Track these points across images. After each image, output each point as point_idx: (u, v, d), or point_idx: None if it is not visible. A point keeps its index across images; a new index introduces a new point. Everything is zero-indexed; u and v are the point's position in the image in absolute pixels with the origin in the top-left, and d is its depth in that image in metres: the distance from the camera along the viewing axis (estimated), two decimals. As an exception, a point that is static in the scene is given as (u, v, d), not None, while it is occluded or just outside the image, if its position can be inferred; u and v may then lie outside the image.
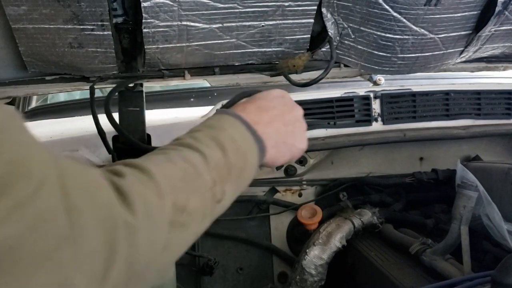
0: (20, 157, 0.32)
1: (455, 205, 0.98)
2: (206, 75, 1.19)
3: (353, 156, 1.41)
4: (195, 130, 0.66)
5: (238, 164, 0.63)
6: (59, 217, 0.34)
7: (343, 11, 1.08)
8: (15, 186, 0.30)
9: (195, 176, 0.55)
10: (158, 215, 0.47)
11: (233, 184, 0.63)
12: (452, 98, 1.37)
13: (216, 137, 0.62)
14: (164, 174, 0.50)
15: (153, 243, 0.46)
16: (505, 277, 0.67)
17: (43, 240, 0.32)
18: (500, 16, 1.09)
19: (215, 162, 0.59)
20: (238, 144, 0.63)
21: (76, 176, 0.39)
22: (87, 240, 0.36)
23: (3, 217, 0.28)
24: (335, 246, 1.15)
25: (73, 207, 0.35)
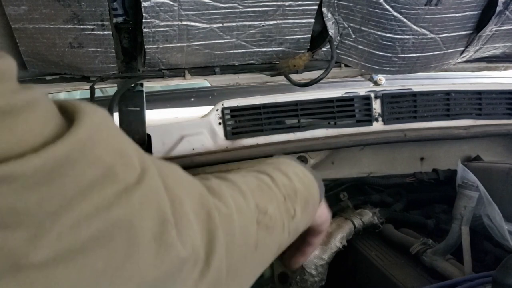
0: (124, 148, 0.34)
1: (455, 205, 0.98)
2: (206, 75, 1.19)
3: (354, 156, 1.41)
4: (256, 164, 0.69)
5: (303, 192, 0.64)
6: (163, 204, 0.36)
7: (343, 11, 1.08)
8: (122, 174, 0.32)
9: (268, 188, 0.57)
10: (247, 211, 0.49)
11: (301, 208, 0.63)
12: (453, 98, 1.37)
13: (279, 168, 0.64)
14: (242, 181, 0.53)
15: (247, 237, 0.48)
16: (505, 277, 0.67)
17: (150, 223, 0.34)
18: (501, 16, 1.09)
19: (282, 183, 0.61)
20: (300, 176, 0.66)
21: (170, 170, 0.42)
22: (188, 226, 0.39)
23: (114, 201, 0.31)
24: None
25: (174, 196, 0.38)
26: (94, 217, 0.30)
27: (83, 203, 0.29)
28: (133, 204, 0.33)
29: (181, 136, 1.18)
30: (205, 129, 1.20)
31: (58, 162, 0.28)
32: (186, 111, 1.71)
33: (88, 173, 0.30)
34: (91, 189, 0.30)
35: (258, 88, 1.66)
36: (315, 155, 1.34)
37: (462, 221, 0.95)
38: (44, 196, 0.27)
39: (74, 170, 0.29)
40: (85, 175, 0.30)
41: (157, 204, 0.36)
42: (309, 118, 1.28)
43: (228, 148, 1.21)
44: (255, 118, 1.24)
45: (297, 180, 0.64)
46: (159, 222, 0.35)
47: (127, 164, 0.34)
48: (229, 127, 1.22)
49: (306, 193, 0.65)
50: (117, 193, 0.31)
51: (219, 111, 1.21)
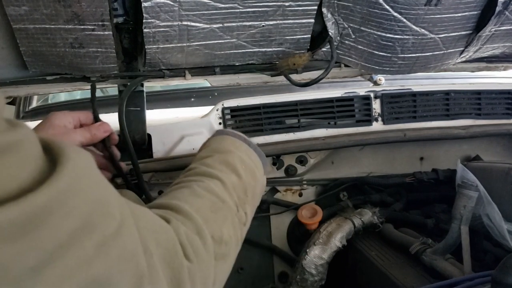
0: (102, 198, 0.33)
1: (455, 205, 0.99)
2: (206, 75, 1.19)
3: (354, 156, 1.41)
4: (204, 156, 0.69)
5: (251, 183, 0.67)
6: (138, 257, 0.36)
7: (343, 11, 1.08)
8: (101, 224, 0.32)
9: (221, 204, 0.59)
10: (205, 255, 0.50)
11: (250, 204, 0.67)
12: (453, 98, 1.37)
13: (226, 160, 0.65)
14: (196, 209, 0.54)
15: (206, 280, 0.50)
16: (505, 277, 0.67)
17: (128, 279, 0.34)
18: (500, 16, 1.09)
19: (233, 186, 0.62)
20: (246, 164, 0.67)
21: (145, 218, 0.42)
22: (159, 279, 0.39)
23: (93, 254, 0.30)
24: (335, 246, 1.15)
25: (146, 248, 0.38)
26: (76, 272, 0.28)
27: (65, 258, 0.28)
28: (112, 258, 0.32)
29: (182, 136, 1.19)
30: (205, 129, 1.21)
31: (36, 213, 0.26)
32: (186, 111, 1.71)
33: (66, 225, 0.28)
34: (71, 242, 0.28)
35: (258, 88, 1.67)
36: (315, 155, 1.34)
37: (462, 221, 0.96)
38: (22, 250, 0.25)
39: (51, 221, 0.27)
40: (63, 226, 0.28)
41: (134, 258, 0.35)
42: (309, 118, 1.28)
43: (228, 148, 1.21)
44: (255, 118, 1.24)
45: (244, 171, 0.65)
46: (136, 278, 0.35)
47: (106, 214, 0.33)
48: (229, 127, 1.22)
49: (254, 183, 0.68)
50: (96, 245, 0.30)
51: (219, 111, 1.22)
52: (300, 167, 1.34)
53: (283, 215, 1.36)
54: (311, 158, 1.34)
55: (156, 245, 0.41)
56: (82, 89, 1.16)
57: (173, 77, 1.14)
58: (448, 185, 1.28)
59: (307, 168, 1.34)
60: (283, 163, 1.33)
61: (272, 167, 1.33)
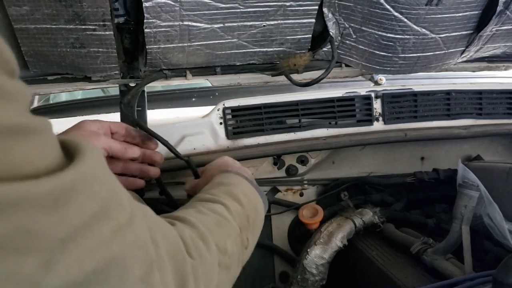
0: (116, 189, 0.36)
1: (456, 204, 0.98)
2: (207, 75, 1.19)
3: (354, 156, 1.41)
4: (209, 188, 0.73)
5: (252, 215, 0.70)
6: (148, 245, 0.39)
7: (344, 11, 1.08)
8: (116, 212, 0.34)
9: (226, 222, 0.62)
10: (208, 257, 0.53)
11: (252, 233, 0.70)
12: (454, 97, 1.37)
13: (230, 191, 0.69)
14: (200, 221, 0.57)
15: (210, 281, 0.52)
16: (506, 277, 0.67)
17: (140, 263, 0.36)
18: (501, 15, 1.09)
19: (236, 212, 0.65)
20: (249, 197, 0.71)
21: (150, 215, 0.45)
22: (166, 268, 0.42)
23: (110, 237, 0.32)
24: (336, 246, 1.15)
25: (154, 239, 0.40)
26: (95, 252, 0.31)
27: (87, 237, 0.30)
28: (126, 242, 0.34)
29: (183, 136, 1.19)
30: (206, 129, 1.21)
31: (65, 189, 0.29)
32: (187, 111, 1.71)
33: (89, 206, 0.31)
34: (92, 223, 0.31)
35: (259, 88, 1.67)
36: (316, 155, 1.34)
37: (463, 221, 0.96)
38: (54, 221, 0.28)
39: (78, 200, 0.30)
40: (87, 207, 0.31)
41: (145, 245, 0.38)
42: (309, 118, 1.28)
43: (229, 147, 1.21)
44: (256, 118, 1.24)
45: (247, 202, 0.68)
46: (147, 263, 0.37)
47: (119, 204, 0.35)
48: (230, 127, 1.22)
49: (254, 216, 0.71)
50: (112, 230, 0.33)
51: (220, 111, 1.22)
52: (301, 167, 1.34)
53: (284, 215, 1.36)
54: (312, 158, 1.34)
55: (162, 238, 0.43)
56: (83, 89, 1.16)
57: (174, 77, 1.14)
58: (449, 185, 1.28)
59: (308, 168, 1.34)
60: (284, 163, 1.33)
61: (273, 167, 1.33)
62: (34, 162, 0.28)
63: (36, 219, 0.26)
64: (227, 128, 1.21)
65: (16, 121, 0.27)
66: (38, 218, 0.27)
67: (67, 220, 0.29)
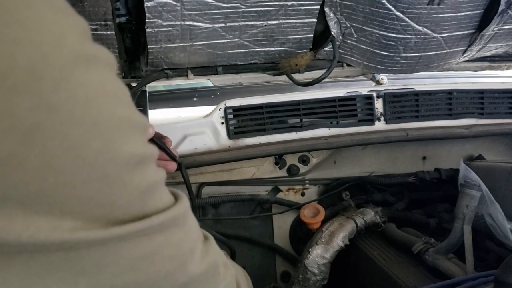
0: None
1: (458, 204, 0.98)
2: (209, 75, 1.19)
3: (356, 156, 1.41)
4: None
5: None
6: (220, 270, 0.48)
7: (346, 10, 1.08)
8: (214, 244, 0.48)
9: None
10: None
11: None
12: (455, 97, 1.37)
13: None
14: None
15: None
16: (508, 277, 0.67)
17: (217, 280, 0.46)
18: (503, 15, 1.09)
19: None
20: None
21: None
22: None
23: (204, 252, 0.43)
24: (337, 245, 1.15)
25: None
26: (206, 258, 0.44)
27: (194, 260, 0.41)
28: (211, 262, 0.46)
29: (184, 136, 1.19)
30: (208, 128, 1.21)
31: (184, 212, 0.40)
32: (188, 111, 1.71)
33: (194, 235, 0.42)
34: (193, 251, 0.42)
35: (260, 87, 1.67)
36: (317, 155, 1.34)
37: (464, 220, 0.95)
38: (184, 235, 0.39)
39: (190, 218, 0.42)
40: (187, 238, 0.40)
41: (218, 270, 0.47)
42: (311, 117, 1.28)
43: (230, 147, 1.21)
44: (257, 117, 1.24)
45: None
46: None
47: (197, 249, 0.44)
48: (231, 127, 1.22)
49: None
50: (204, 250, 0.44)
51: (222, 111, 1.22)
52: (303, 166, 1.34)
53: (285, 215, 1.37)
54: (314, 158, 1.34)
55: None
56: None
57: (176, 76, 1.14)
58: (450, 184, 1.28)
59: (309, 167, 1.34)
60: (285, 163, 1.33)
61: (275, 167, 1.33)
62: (164, 201, 0.38)
63: (175, 234, 0.38)
64: (229, 128, 1.21)
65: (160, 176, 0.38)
66: (176, 233, 0.38)
67: (194, 232, 0.41)
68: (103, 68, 0.32)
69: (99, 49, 0.33)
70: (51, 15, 0.29)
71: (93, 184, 0.31)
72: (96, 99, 0.31)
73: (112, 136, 0.31)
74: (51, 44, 0.28)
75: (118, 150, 0.32)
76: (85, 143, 0.30)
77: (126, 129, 0.33)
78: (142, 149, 0.35)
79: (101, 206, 0.32)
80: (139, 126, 0.35)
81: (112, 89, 0.33)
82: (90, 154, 0.30)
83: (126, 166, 0.32)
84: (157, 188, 0.37)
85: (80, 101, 0.29)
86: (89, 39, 0.33)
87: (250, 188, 1.33)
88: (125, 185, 0.33)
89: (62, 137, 0.28)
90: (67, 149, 0.29)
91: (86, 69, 0.30)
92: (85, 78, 0.30)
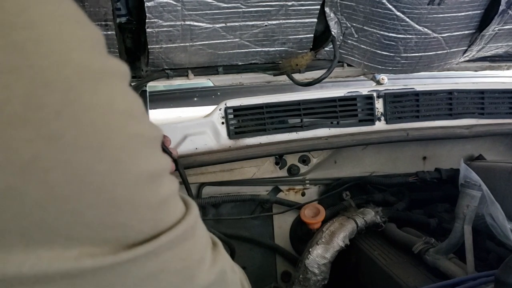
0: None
1: (458, 204, 0.98)
2: (209, 75, 1.19)
3: (356, 156, 1.41)
4: None
5: None
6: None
7: (346, 10, 1.08)
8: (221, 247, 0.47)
9: None
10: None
11: None
12: (456, 97, 1.37)
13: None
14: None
15: None
16: (508, 277, 0.67)
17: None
18: (503, 15, 1.09)
19: None
20: None
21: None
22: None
23: (212, 260, 0.42)
24: (338, 245, 1.15)
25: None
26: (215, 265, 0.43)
27: (203, 270, 0.40)
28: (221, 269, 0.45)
29: (184, 136, 1.19)
30: (208, 128, 1.21)
31: (193, 224, 0.39)
32: (189, 111, 1.71)
33: (201, 243, 0.41)
34: (201, 261, 0.41)
35: (261, 87, 1.67)
36: (318, 155, 1.34)
37: (465, 220, 0.95)
38: (193, 246, 0.39)
39: (200, 227, 0.41)
40: (195, 249, 0.39)
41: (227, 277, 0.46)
42: (311, 117, 1.28)
43: (231, 147, 1.21)
44: (258, 117, 1.24)
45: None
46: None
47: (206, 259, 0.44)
48: (232, 127, 1.22)
49: None
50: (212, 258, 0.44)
51: (222, 111, 1.22)
52: (303, 166, 1.34)
53: (286, 215, 1.37)
54: (314, 158, 1.34)
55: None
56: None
57: (176, 76, 1.15)
58: (451, 184, 1.28)
59: (309, 167, 1.34)
60: (286, 163, 1.33)
61: (275, 167, 1.33)
62: (176, 214, 0.37)
63: (184, 247, 0.37)
64: (229, 128, 1.21)
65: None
66: (185, 246, 0.37)
67: (202, 241, 0.41)
68: (113, 83, 0.31)
69: (110, 61, 0.31)
70: (55, 31, 0.27)
71: (101, 209, 0.29)
72: (103, 120, 0.29)
73: (120, 156, 0.30)
74: (53, 67, 0.27)
75: (126, 170, 0.30)
76: (90, 169, 0.28)
77: (135, 146, 0.31)
78: (154, 165, 0.33)
79: (111, 229, 0.30)
80: (151, 140, 0.34)
81: (122, 105, 0.31)
82: (96, 179, 0.29)
83: (135, 185, 0.31)
84: (170, 202, 0.36)
85: (84, 125, 0.28)
86: (100, 51, 0.31)
87: (251, 188, 1.33)
88: (135, 205, 0.31)
89: (65, 165, 0.27)
90: (71, 176, 0.28)
91: (93, 89, 0.29)
92: (91, 100, 0.28)
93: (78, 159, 0.28)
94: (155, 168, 0.33)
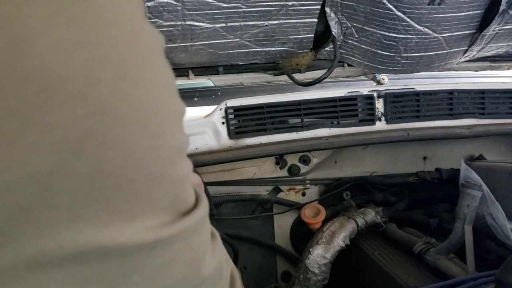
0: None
1: (458, 204, 0.98)
2: (210, 75, 1.19)
3: (357, 156, 1.41)
4: None
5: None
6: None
7: (346, 10, 1.08)
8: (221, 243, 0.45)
9: None
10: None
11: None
12: (456, 97, 1.37)
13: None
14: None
15: None
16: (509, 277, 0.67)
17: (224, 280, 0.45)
18: (504, 15, 1.09)
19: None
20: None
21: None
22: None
23: (212, 251, 0.41)
24: (338, 245, 1.15)
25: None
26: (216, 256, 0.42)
27: (213, 260, 0.40)
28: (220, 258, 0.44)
29: (185, 136, 1.19)
30: (209, 128, 1.21)
31: (203, 217, 0.38)
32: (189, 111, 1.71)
33: (207, 236, 0.40)
34: (205, 255, 0.40)
35: (261, 87, 1.67)
36: (318, 155, 1.34)
37: (465, 220, 0.95)
38: (202, 238, 0.38)
39: (204, 228, 0.39)
40: (203, 240, 0.39)
41: (225, 273, 0.46)
42: (312, 117, 1.28)
43: (231, 147, 1.21)
44: (258, 117, 1.24)
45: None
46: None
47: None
48: (232, 127, 1.22)
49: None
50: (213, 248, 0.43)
51: (223, 111, 1.22)
52: (303, 166, 1.34)
53: (286, 215, 1.37)
54: (314, 158, 1.34)
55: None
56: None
57: (177, 76, 1.15)
58: (451, 184, 1.28)
59: (310, 167, 1.34)
60: (286, 163, 1.33)
61: (275, 167, 1.33)
62: (188, 201, 0.36)
63: (195, 238, 0.36)
64: (229, 128, 1.21)
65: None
66: (195, 237, 0.36)
67: (208, 233, 0.40)
68: (156, 56, 0.31)
69: (152, 31, 0.31)
70: (112, 1, 0.28)
71: (138, 183, 0.30)
72: (148, 95, 0.30)
73: (160, 131, 0.31)
74: (109, 41, 0.27)
75: (164, 146, 0.31)
76: (136, 143, 0.29)
77: (173, 121, 0.33)
78: (183, 141, 0.34)
79: (141, 203, 0.31)
80: (181, 115, 0.35)
81: (163, 79, 0.32)
82: (139, 154, 0.29)
83: (168, 160, 0.32)
84: (188, 181, 0.37)
85: (133, 100, 0.28)
86: (145, 20, 0.31)
87: (251, 188, 1.33)
88: (165, 180, 0.32)
89: (114, 140, 0.28)
90: (117, 151, 0.28)
91: (141, 63, 0.29)
92: (140, 75, 0.29)
93: (126, 134, 0.28)
94: (183, 144, 0.34)
